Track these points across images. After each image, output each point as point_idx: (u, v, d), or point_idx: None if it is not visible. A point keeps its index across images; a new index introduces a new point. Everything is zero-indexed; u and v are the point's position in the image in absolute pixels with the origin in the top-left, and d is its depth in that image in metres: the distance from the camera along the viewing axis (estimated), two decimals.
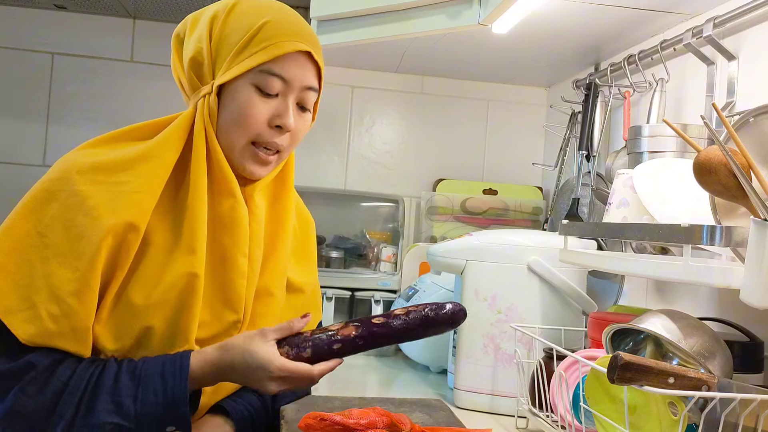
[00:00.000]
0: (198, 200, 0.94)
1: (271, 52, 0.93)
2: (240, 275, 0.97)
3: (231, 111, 0.95)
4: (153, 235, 0.92)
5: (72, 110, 2.07)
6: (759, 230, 0.74)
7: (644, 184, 1.11)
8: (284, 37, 0.94)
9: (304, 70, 0.97)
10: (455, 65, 2.00)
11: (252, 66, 0.93)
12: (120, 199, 0.89)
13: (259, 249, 1.01)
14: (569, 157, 1.89)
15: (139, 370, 0.89)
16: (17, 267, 0.87)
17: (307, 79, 0.98)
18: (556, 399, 1.03)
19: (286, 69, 0.95)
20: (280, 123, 0.96)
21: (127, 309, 0.90)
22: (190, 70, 0.97)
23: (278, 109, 0.96)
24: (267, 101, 0.95)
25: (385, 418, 0.94)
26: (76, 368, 0.87)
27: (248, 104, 0.95)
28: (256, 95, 0.95)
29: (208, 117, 0.96)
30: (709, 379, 0.76)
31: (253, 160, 0.97)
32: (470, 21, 1.32)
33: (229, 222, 0.97)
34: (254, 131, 0.96)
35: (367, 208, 2.08)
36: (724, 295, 1.25)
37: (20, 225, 0.88)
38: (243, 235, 0.98)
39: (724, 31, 1.28)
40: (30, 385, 0.85)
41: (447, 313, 0.94)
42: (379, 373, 1.64)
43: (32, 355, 0.86)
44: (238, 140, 0.96)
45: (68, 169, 0.90)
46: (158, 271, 0.91)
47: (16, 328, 0.85)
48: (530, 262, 1.26)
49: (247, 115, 0.95)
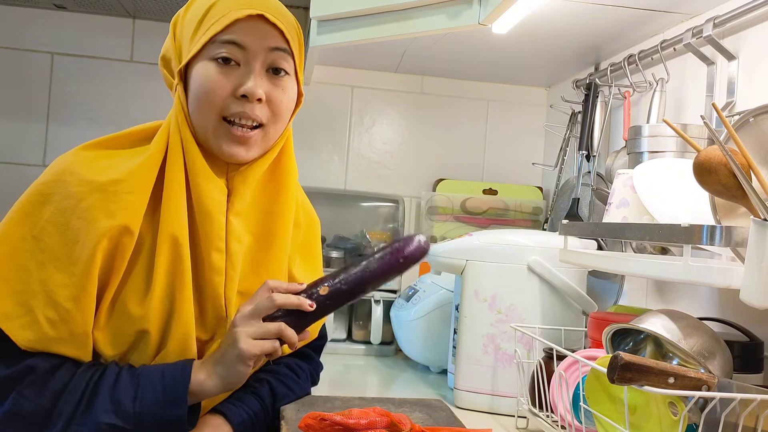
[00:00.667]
0: (173, 192, 0.92)
1: (221, 23, 0.92)
2: (215, 272, 0.94)
3: (195, 90, 0.94)
4: (143, 237, 0.91)
5: (72, 110, 2.07)
6: (759, 230, 0.74)
7: (644, 184, 1.11)
8: (233, 7, 0.93)
9: (261, 32, 0.94)
10: (455, 65, 2.00)
11: (205, 41, 0.92)
12: (114, 200, 0.88)
13: (239, 244, 0.97)
14: (569, 157, 1.89)
15: (140, 372, 0.89)
16: (13, 272, 0.86)
17: (268, 40, 0.94)
18: (556, 399, 1.03)
19: (239, 35, 0.93)
20: (244, 91, 0.93)
21: (123, 315, 0.90)
22: (161, 68, 0.99)
23: (241, 77, 0.94)
24: (228, 73, 0.93)
25: (385, 418, 0.94)
26: (75, 371, 0.87)
27: (208, 79, 0.93)
28: (216, 68, 0.93)
29: (179, 106, 0.95)
30: (709, 379, 0.76)
31: (229, 138, 0.94)
32: (470, 21, 1.32)
33: (200, 214, 0.94)
34: (219, 104, 0.93)
35: (367, 208, 2.08)
36: (724, 295, 1.25)
37: (15, 229, 0.87)
38: (215, 229, 0.94)
39: (724, 31, 1.28)
40: (29, 388, 0.84)
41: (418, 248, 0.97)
42: (379, 373, 1.64)
43: (32, 359, 0.85)
44: (207, 119, 0.94)
45: (62, 171, 0.90)
46: (148, 274, 0.91)
47: (14, 334, 0.84)
48: (530, 262, 1.26)
49: (208, 90, 0.93)
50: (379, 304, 1.79)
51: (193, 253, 0.94)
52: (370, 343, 1.81)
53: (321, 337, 1.19)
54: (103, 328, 0.90)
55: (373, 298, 1.81)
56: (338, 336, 1.84)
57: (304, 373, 1.12)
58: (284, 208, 1.03)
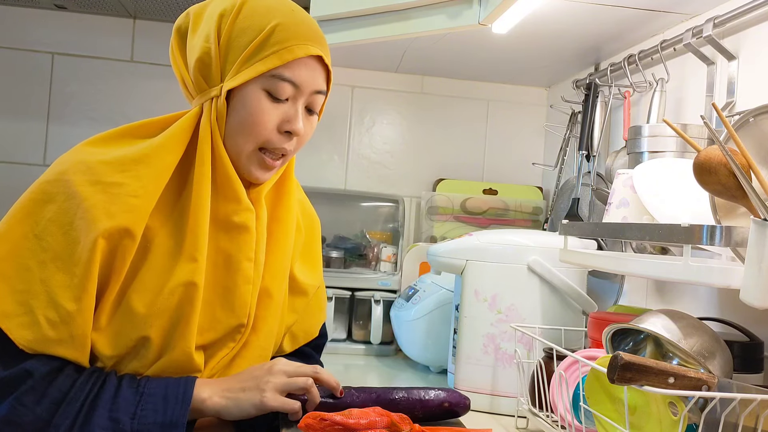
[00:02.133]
0: (201, 206, 0.92)
1: (283, 57, 0.91)
2: (245, 280, 0.96)
3: (240, 116, 0.93)
4: (154, 240, 0.91)
5: (72, 110, 2.07)
6: (759, 230, 0.74)
7: (644, 184, 1.11)
8: (296, 40, 0.92)
9: (314, 74, 0.95)
10: (455, 65, 2.00)
11: (263, 71, 0.91)
12: (116, 202, 0.87)
13: (263, 253, 1.00)
14: (569, 157, 1.89)
15: (142, 388, 0.87)
16: (14, 271, 0.85)
17: (317, 83, 0.96)
18: (556, 399, 1.03)
19: (297, 74, 0.93)
20: (289, 129, 0.94)
21: (127, 316, 0.89)
22: (196, 70, 0.94)
23: (288, 114, 0.94)
24: (277, 107, 0.93)
25: (385, 418, 0.94)
26: (75, 380, 0.86)
27: (258, 110, 0.92)
28: (267, 100, 0.93)
29: (215, 121, 0.93)
30: (709, 379, 0.76)
31: (260, 165, 0.96)
32: (470, 21, 1.32)
33: (235, 227, 0.95)
34: (263, 137, 0.94)
35: (367, 208, 2.08)
36: (724, 295, 1.25)
37: (17, 228, 0.87)
38: (249, 241, 0.96)
39: (724, 31, 1.28)
40: (27, 394, 0.83)
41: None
42: (379, 373, 1.64)
43: (29, 363, 0.84)
44: (246, 146, 0.94)
45: (66, 171, 0.88)
46: (159, 278, 0.90)
47: (13, 333, 0.83)
48: (530, 262, 1.26)
49: (257, 122, 0.93)
50: (379, 304, 1.79)
51: (217, 264, 0.95)
52: (370, 343, 1.81)
53: (321, 336, 1.19)
54: (104, 329, 0.89)
55: (373, 298, 1.81)
56: (338, 336, 1.84)
57: None
58: (287, 213, 1.05)
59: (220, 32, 0.93)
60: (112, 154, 0.91)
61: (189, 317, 0.91)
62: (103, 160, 0.90)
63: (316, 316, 1.15)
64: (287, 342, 1.11)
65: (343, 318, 1.86)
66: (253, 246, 0.97)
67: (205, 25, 0.94)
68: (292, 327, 1.11)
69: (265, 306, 1.01)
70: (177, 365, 0.92)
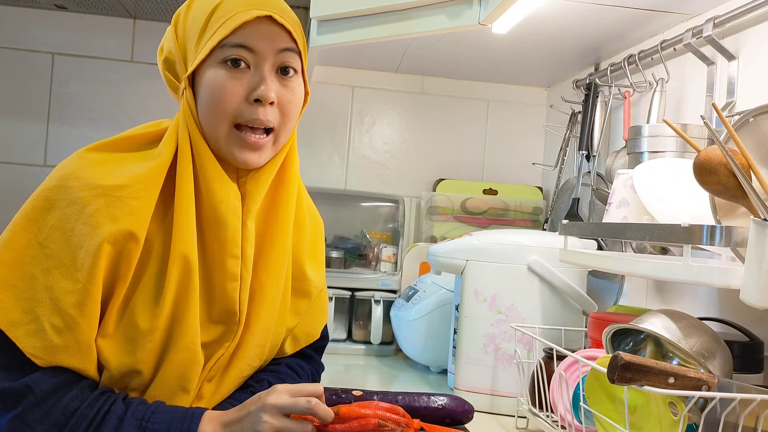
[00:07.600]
0: (184, 201, 0.91)
1: (228, 26, 0.90)
2: (230, 278, 0.94)
3: (206, 97, 0.92)
4: (153, 245, 0.90)
5: (72, 110, 2.07)
6: (759, 230, 0.74)
7: (644, 184, 1.11)
8: (240, 8, 0.91)
9: (269, 34, 0.92)
10: (455, 65, 2.00)
11: (213, 45, 0.90)
12: (118, 205, 0.86)
13: (253, 248, 0.97)
14: (569, 157, 1.89)
15: (146, 423, 0.86)
16: (19, 279, 0.85)
17: (277, 42, 0.93)
18: (556, 399, 1.03)
19: (248, 37, 0.91)
20: (257, 96, 0.91)
21: (132, 326, 0.88)
22: (165, 71, 0.97)
23: (252, 82, 0.92)
24: (239, 77, 0.91)
25: (392, 413, 0.94)
26: (81, 404, 0.84)
27: (218, 84, 0.91)
28: (226, 73, 0.91)
29: (188, 112, 0.93)
30: (709, 379, 0.76)
31: (241, 145, 0.93)
32: (470, 21, 1.32)
33: (215, 221, 0.93)
34: (231, 110, 0.91)
35: (367, 208, 2.08)
36: (724, 295, 1.25)
37: (21, 236, 0.86)
38: (231, 235, 0.93)
39: (724, 31, 1.28)
40: (30, 412, 0.82)
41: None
42: (379, 372, 1.64)
43: (31, 378, 0.83)
44: (220, 126, 0.92)
45: (67, 176, 0.88)
46: (158, 285, 0.89)
47: (21, 341, 0.83)
48: (530, 262, 1.26)
49: (220, 97, 0.91)
50: (379, 304, 1.79)
51: (205, 261, 0.93)
52: (370, 343, 1.81)
53: (323, 338, 1.19)
54: (112, 336, 0.88)
55: (373, 298, 1.81)
56: (338, 336, 1.84)
57: (305, 372, 1.12)
58: (285, 207, 1.03)
59: (177, 30, 0.96)
60: (112, 159, 0.91)
61: (189, 322, 0.90)
62: (102, 165, 0.90)
63: (318, 318, 1.15)
64: (289, 344, 1.10)
65: (343, 318, 1.86)
66: (239, 241, 0.94)
67: (168, 30, 0.98)
68: (294, 329, 1.10)
69: (257, 303, 0.99)
70: (181, 364, 0.91)
